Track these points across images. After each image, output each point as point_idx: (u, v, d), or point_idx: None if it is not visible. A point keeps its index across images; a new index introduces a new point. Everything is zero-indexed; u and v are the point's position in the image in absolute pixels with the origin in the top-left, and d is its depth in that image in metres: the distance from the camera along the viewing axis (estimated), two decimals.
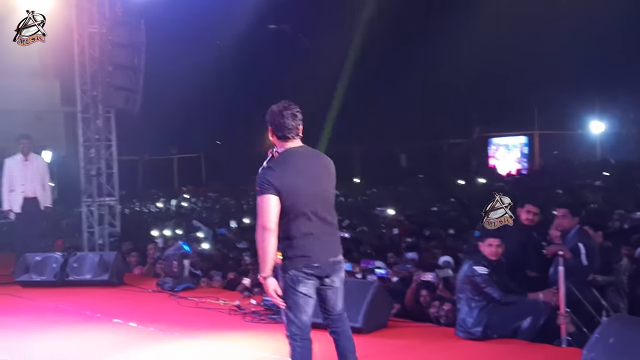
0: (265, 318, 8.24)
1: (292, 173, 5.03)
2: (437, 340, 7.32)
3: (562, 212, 7.54)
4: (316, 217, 5.04)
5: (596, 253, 7.32)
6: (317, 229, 5.04)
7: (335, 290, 5.20)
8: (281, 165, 5.07)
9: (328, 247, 5.10)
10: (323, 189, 5.13)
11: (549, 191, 20.09)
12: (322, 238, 5.06)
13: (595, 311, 7.26)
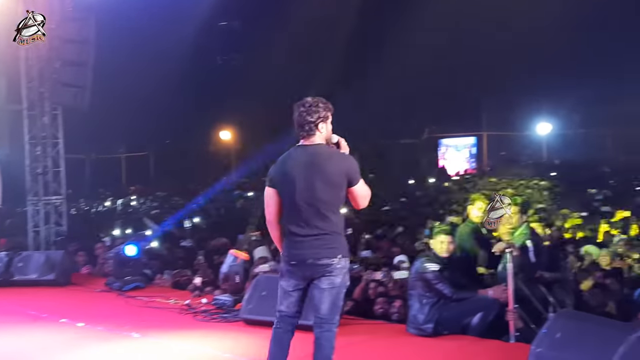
0: (217, 317, 8.19)
1: (283, 171, 5.11)
2: (388, 337, 7.36)
3: None
4: (300, 218, 5.05)
5: (543, 250, 7.45)
6: (300, 229, 5.05)
7: (321, 291, 5.10)
8: (280, 161, 5.19)
9: (310, 248, 5.04)
10: (310, 190, 5.01)
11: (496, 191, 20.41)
12: (303, 239, 5.06)
13: (542, 307, 7.37)
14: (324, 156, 5.07)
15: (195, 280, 9.67)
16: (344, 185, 5.05)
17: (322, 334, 5.12)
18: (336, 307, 5.12)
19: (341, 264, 5.07)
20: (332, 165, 5.03)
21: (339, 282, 5.09)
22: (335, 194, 5.03)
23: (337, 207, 5.09)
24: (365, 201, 5.21)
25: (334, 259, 5.04)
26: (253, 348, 7.09)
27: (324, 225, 5.02)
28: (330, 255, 5.04)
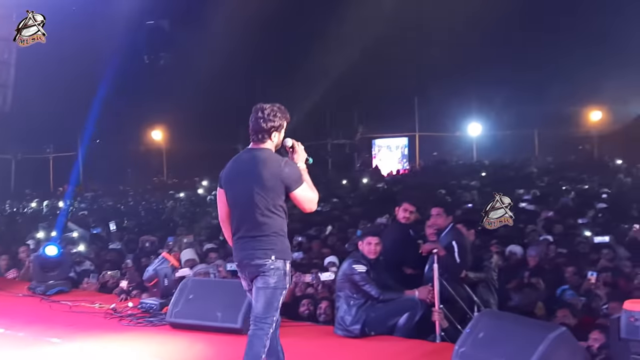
0: (143, 321, 8.05)
1: (228, 173, 5.40)
2: (315, 338, 7.37)
3: (437, 211, 7.75)
4: (236, 219, 5.31)
5: (468, 250, 7.56)
6: (239, 231, 5.28)
7: (256, 290, 5.24)
8: (229, 163, 5.46)
9: (245, 250, 5.23)
10: (242, 194, 5.22)
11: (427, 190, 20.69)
12: (239, 240, 5.29)
13: (467, 307, 7.49)
14: (261, 162, 5.21)
15: (122, 283, 9.49)
16: (280, 190, 5.18)
17: (254, 332, 5.22)
18: (270, 307, 5.20)
19: (275, 265, 5.16)
20: (267, 171, 5.17)
21: (273, 282, 5.17)
22: (270, 198, 5.16)
23: (272, 210, 5.19)
24: (310, 204, 5.30)
25: (268, 260, 5.14)
26: (178, 352, 7.01)
27: (260, 227, 5.17)
28: (263, 256, 5.15)
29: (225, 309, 7.41)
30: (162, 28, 24.27)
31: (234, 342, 7.16)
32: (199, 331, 7.45)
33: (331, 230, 13.85)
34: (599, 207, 16.13)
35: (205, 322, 7.44)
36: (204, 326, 7.45)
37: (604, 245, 10.95)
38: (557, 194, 19.46)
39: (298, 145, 5.48)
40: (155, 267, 8.50)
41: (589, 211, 15.42)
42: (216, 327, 7.40)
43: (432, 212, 7.81)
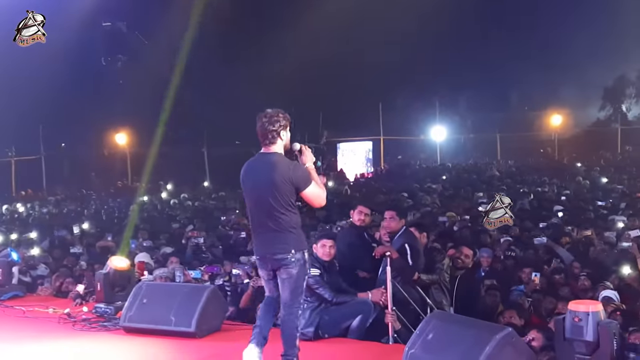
0: (96, 325, 8.00)
1: (244, 176, 5.98)
2: (270, 341, 7.33)
3: (390, 215, 7.83)
4: (254, 218, 5.93)
5: (420, 253, 7.66)
6: (257, 228, 5.93)
7: (282, 281, 5.88)
8: (244, 167, 6.04)
9: (264, 244, 5.87)
10: (258, 195, 5.83)
11: (390, 194, 20.84)
12: (259, 236, 5.93)
13: (420, 309, 7.58)
14: (272, 165, 5.78)
15: (78, 287, 9.42)
16: (291, 190, 5.77)
17: (285, 317, 5.94)
18: (296, 293, 5.88)
19: (296, 257, 5.79)
20: (277, 174, 5.74)
21: (296, 272, 5.82)
22: (282, 198, 5.74)
23: (285, 208, 5.76)
24: (319, 200, 5.95)
25: (288, 254, 5.77)
26: (131, 356, 7.00)
27: (274, 224, 5.77)
28: (283, 251, 5.77)
29: (179, 313, 7.40)
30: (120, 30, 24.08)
31: (187, 346, 7.18)
32: (152, 335, 7.43)
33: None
34: (556, 210, 16.40)
35: (159, 326, 7.43)
36: (158, 330, 7.43)
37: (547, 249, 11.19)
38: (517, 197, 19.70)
39: (306, 148, 6.03)
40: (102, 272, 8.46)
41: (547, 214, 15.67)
42: (170, 331, 7.39)
43: (386, 215, 7.90)
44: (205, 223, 17.40)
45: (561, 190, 21.32)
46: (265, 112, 5.88)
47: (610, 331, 5.40)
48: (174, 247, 13.34)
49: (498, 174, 27.96)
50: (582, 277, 9.17)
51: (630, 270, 9.65)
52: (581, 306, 5.59)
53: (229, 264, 10.81)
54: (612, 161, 32.47)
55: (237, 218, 17.27)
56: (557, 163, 33.51)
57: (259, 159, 5.92)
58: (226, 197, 25.10)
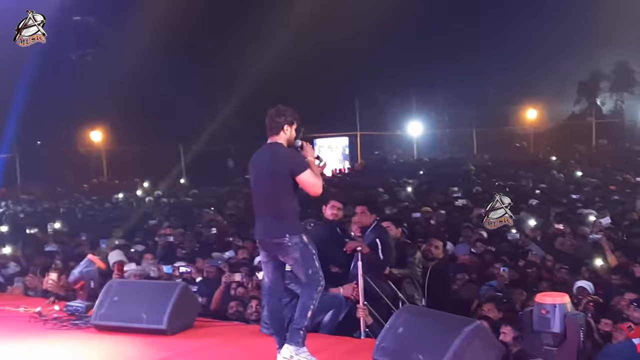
0: (68, 324, 7.94)
1: (251, 164, 6.30)
2: (242, 337, 7.39)
3: (361, 209, 7.83)
4: (256, 204, 6.21)
5: (391, 248, 7.66)
6: (257, 213, 6.19)
7: (291, 267, 6.20)
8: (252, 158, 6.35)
9: (262, 229, 6.14)
10: (259, 182, 6.16)
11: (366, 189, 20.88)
12: (259, 221, 6.17)
13: (392, 303, 7.59)
14: (272, 153, 6.13)
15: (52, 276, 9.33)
16: (288, 177, 6.00)
17: (304, 290, 6.12)
18: (310, 272, 6.04)
19: (292, 241, 5.99)
20: (277, 160, 6.06)
21: (299, 255, 6.01)
22: (280, 184, 6.02)
23: (284, 194, 6.04)
24: (315, 188, 6.08)
25: (284, 238, 5.97)
26: (103, 354, 6.96)
27: (271, 210, 6.07)
28: (278, 235, 6.00)
29: (151, 310, 7.36)
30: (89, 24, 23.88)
31: (159, 343, 7.15)
32: (124, 333, 7.39)
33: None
34: (531, 203, 16.52)
35: (130, 323, 7.38)
36: (129, 328, 7.38)
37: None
38: (493, 191, 19.80)
39: (307, 144, 6.31)
40: (81, 270, 8.39)
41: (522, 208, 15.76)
42: (141, 329, 7.35)
43: (357, 210, 7.90)
44: (182, 220, 17.35)
45: (536, 184, 21.48)
46: (277, 107, 6.25)
47: (577, 323, 5.47)
48: (147, 245, 13.28)
49: (474, 168, 28.13)
50: (564, 271, 9.27)
51: (602, 263, 9.77)
52: (548, 298, 5.65)
53: (201, 261, 10.79)
54: (586, 155, 32.78)
55: (210, 215, 17.24)
56: (533, 157, 33.78)
57: (263, 149, 6.26)
58: (202, 194, 25.06)
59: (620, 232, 12.39)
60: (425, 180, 24.31)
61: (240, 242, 12.81)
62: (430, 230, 12.47)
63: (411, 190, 20.27)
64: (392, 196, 19.30)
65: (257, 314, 8.15)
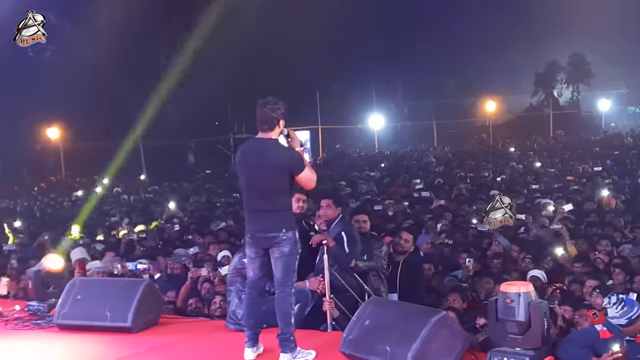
0: (30, 324, 7.82)
1: (240, 159, 6.33)
2: (207, 333, 7.36)
3: (327, 203, 7.84)
4: (249, 198, 6.21)
5: (357, 240, 7.67)
6: (250, 208, 6.20)
7: (274, 260, 6.17)
8: (240, 151, 6.43)
9: (259, 224, 6.14)
10: (255, 177, 6.12)
11: (328, 183, 20.94)
12: (253, 216, 6.19)
13: (358, 296, 7.62)
14: (270, 149, 6.12)
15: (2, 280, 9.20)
16: (286, 174, 6.08)
17: (278, 295, 6.22)
18: (289, 271, 6.16)
19: (287, 236, 6.07)
20: (275, 157, 6.09)
21: (288, 250, 6.11)
22: (277, 180, 6.07)
23: (280, 190, 6.12)
24: (311, 183, 6.28)
25: (280, 232, 6.05)
26: (66, 353, 6.87)
27: (268, 205, 6.09)
28: (275, 229, 6.06)
29: (115, 308, 7.28)
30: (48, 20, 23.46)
31: (124, 341, 7.08)
32: (88, 331, 7.30)
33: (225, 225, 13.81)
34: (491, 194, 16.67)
35: (94, 322, 7.29)
36: (93, 326, 7.29)
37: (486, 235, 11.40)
38: (453, 182, 20.00)
39: (293, 132, 6.35)
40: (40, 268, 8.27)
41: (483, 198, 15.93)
42: (106, 327, 7.26)
43: (322, 203, 7.90)
44: (143, 217, 17.19)
45: (496, 175, 21.72)
46: (268, 99, 6.21)
47: (541, 311, 5.52)
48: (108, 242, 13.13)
49: (435, 160, 28.33)
50: (527, 260, 9.39)
51: (562, 252, 9.91)
52: (512, 287, 5.69)
53: (163, 258, 10.69)
54: (544, 145, 33.23)
55: (172, 212, 17.12)
56: (492, 148, 34.15)
57: (258, 143, 6.23)
58: (163, 190, 24.84)
59: (580, 222, 12.59)
60: (387, 173, 24.42)
61: (200, 238, 12.76)
62: (395, 223, 12.53)
63: (373, 183, 20.33)
64: (355, 189, 19.38)
65: (221, 310, 8.12)
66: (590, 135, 37.82)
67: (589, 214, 13.38)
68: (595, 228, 11.88)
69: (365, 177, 23.20)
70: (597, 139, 35.67)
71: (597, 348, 5.56)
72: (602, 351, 5.48)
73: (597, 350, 5.53)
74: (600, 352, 5.48)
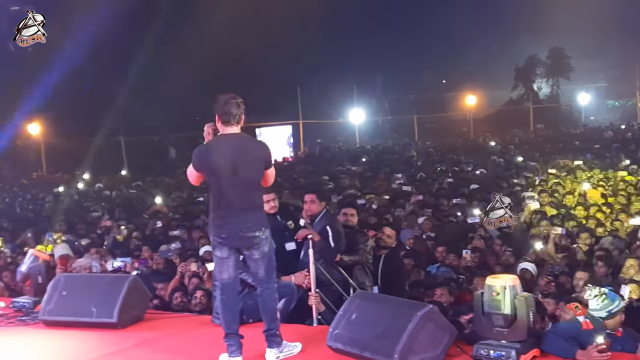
0: (15, 320, 7.78)
1: (214, 155, 5.90)
2: (193, 328, 7.35)
3: (310, 198, 7.86)
4: (224, 196, 5.87)
5: (342, 235, 7.70)
6: (228, 206, 5.86)
7: (255, 261, 6.03)
8: (210, 146, 6.02)
9: (234, 222, 5.87)
10: (235, 173, 5.81)
11: (310, 177, 20.95)
12: (229, 214, 5.87)
13: (343, 290, 7.65)
14: (248, 144, 5.99)
15: None
16: (262, 167, 5.96)
17: (263, 292, 6.11)
18: (270, 269, 6.08)
19: (265, 235, 5.95)
20: (254, 151, 5.96)
21: (267, 250, 6.01)
22: (255, 176, 5.94)
23: (256, 187, 6.00)
24: (272, 180, 6.20)
25: (259, 232, 5.90)
26: (52, 349, 6.85)
27: (245, 202, 5.88)
28: (255, 229, 5.89)
29: (101, 304, 7.25)
30: None
31: (110, 336, 7.07)
32: (74, 327, 7.27)
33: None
34: (472, 188, 16.80)
35: (80, 318, 7.26)
36: (79, 322, 7.27)
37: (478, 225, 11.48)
38: (435, 176, 20.10)
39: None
40: (27, 266, 8.23)
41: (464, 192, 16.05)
42: (92, 323, 7.23)
43: (306, 198, 7.93)
44: (126, 212, 17.14)
45: (477, 168, 21.84)
46: (233, 95, 6.01)
47: (527, 303, 5.58)
48: (91, 238, 13.09)
49: (416, 154, 28.42)
50: (508, 253, 9.46)
51: (542, 246, 10.00)
52: (498, 280, 5.74)
53: (149, 253, 10.68)
54: (525, 139, 33.43)
55: (157, 207, 17.07)
56: (473, 142, 34.29)
57: (229, 139, 5.94)
58: (146, 185, 24.75)
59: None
60: (369, 168, 24.48)
61: (185, 233, 12.76)
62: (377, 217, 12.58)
63: (356, 178, 20.38)
64: (337, 183, 19.41)
65: (201, 305, 8.13)
66: (570, 129, 38.06)
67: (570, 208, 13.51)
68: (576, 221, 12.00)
69: (347, 171, 23.23)
70: (577, 133, 35.94)
71: (581, 339, 5.62)
72: (586, 343, 5.54)
73: (581, 342, 5.59)
74: (584, 344, 5.54)
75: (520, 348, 5.54)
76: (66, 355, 6.61)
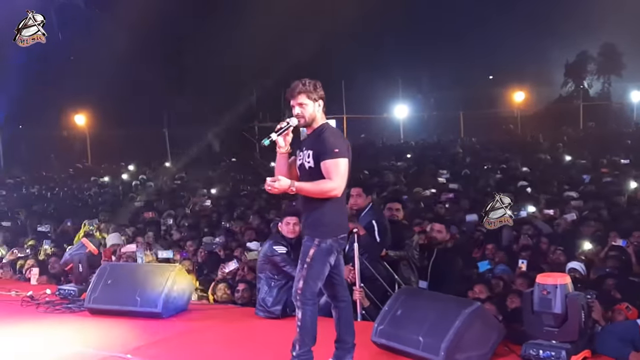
0: (61, 307, 7.86)
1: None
2: (236, 320, 7.35)
3: (357, 192, 7.75)
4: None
5: (387, 229, 7.58)
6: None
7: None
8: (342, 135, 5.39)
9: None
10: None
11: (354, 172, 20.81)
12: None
13: (388, 285, 7.54)
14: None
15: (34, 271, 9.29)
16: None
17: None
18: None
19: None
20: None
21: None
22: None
23: None
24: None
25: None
26: (97, 337, 6.88)
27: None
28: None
29: (145, 293, 7.30)
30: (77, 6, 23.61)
31: (153, 326, 7.09)
32: (118, 316, 7.32)
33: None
34: (520, 185, 16.50)
35: (124, 307, 7.33)
36: (123, 311, 7.32)
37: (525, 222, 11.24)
38: (482, 174, 19.82)
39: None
40: (72, 252, 8.31)
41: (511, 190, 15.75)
42: (136, 312, 7.30)
43: (352, 192, 7.82)
44: (169, 204, 17.23)
45: (525, 167, 21.45)
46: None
47: (579, 303, 5.43)
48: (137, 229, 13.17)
49: (461, 151, 28.07)
50: (559, 252, 9.24)
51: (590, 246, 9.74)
52: (549, 279, 5.61)
53: (192, 245, 10.70)
54: (574, 137, 32.79)
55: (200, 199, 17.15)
56: (521, 140, 33.75)
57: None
58: (190, 178, 24.90)
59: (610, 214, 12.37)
60: (414, 164, 24.27)
61: (228, 225, 12.76)
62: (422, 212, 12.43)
63: (400, 174, 20.21)
64: (382, 179, 19.25)
65: (243, 298, 8.10)
66: (621, 127, 37.20)
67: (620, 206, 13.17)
68: (628, 220, 11.66)
69: (392, 167, 23.07)
70: (629, 131, 35.09)
71: (638, 343, 5.45)
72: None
73: (637, 345, 5.42)
74: (638, 347, 5.38)
75: (571, 349, 5.40)
76: (112, 343, 6.63)
